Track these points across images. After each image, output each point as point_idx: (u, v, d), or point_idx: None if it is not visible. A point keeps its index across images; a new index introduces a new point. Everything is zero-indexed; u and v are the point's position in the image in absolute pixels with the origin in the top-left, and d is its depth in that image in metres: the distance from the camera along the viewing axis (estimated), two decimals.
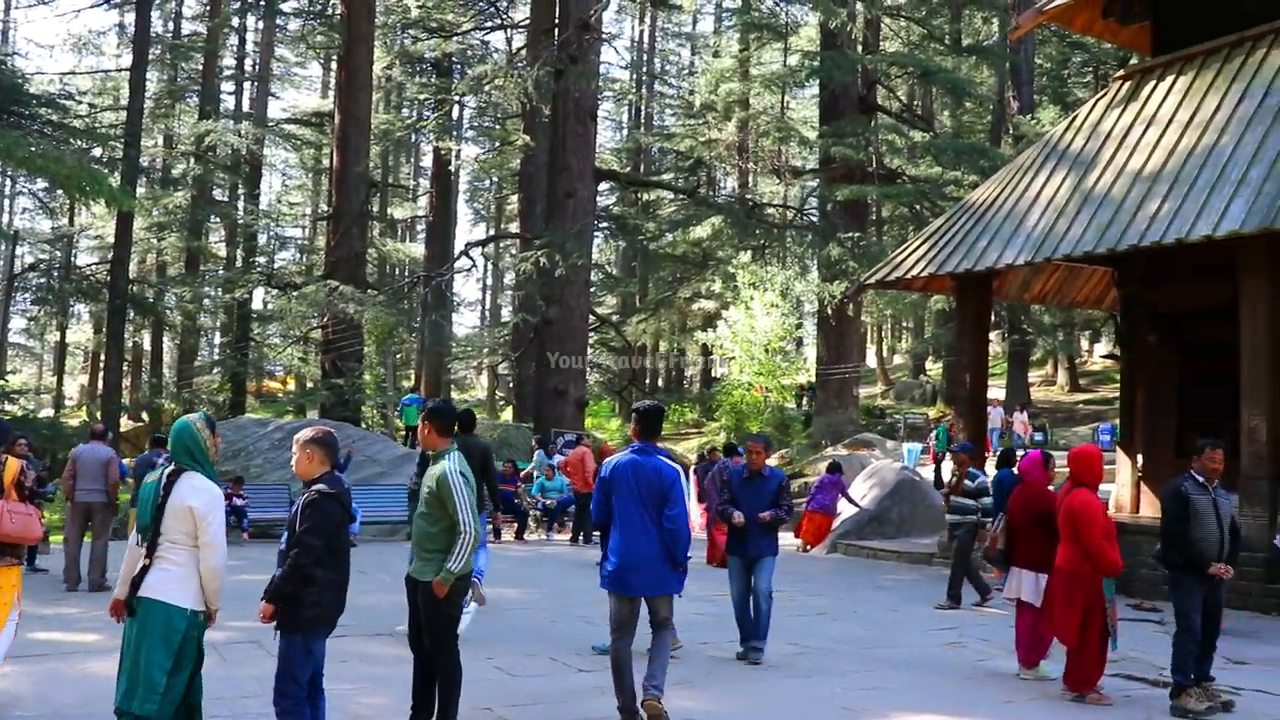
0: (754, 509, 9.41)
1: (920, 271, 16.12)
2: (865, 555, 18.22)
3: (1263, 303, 12.93)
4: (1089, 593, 8.09)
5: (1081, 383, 45.09)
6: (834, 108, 33.06)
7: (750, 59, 44.33)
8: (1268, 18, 14.51)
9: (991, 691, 8.49)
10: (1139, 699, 8.32)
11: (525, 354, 31.38)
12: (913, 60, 34.83)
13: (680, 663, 8.99)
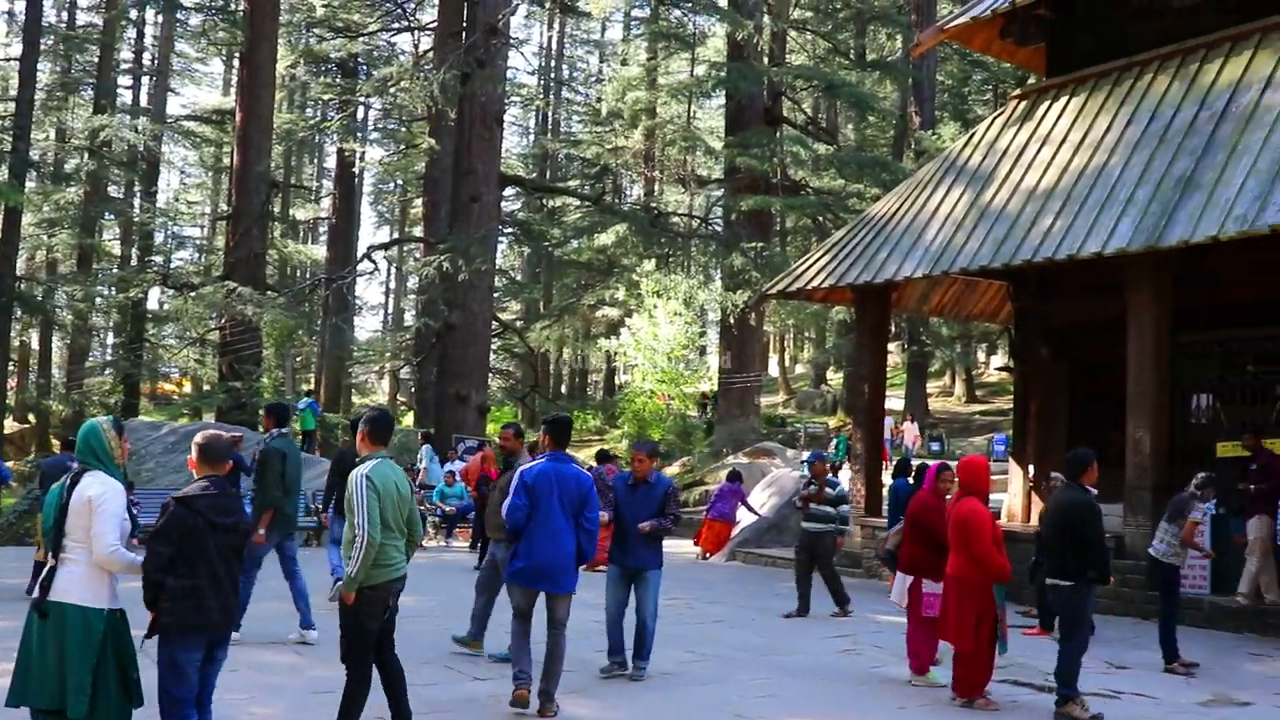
0: (638, 518, 8.92)
1: (821, 283, 16.32)
2: (764, 563, 18.36)
3: (1148, 319, 13.32)
4: (980, 600, 8.25)
5: (978, 394, 46.02)
6: (740, 118, 33.35)
7: (658, 68, 44.54)
8: (1154, 45, 15.01)
9: (884, 698, 8.60)
10: (1025, 704, 8.49)
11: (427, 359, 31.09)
12: (818, 74, 35.31)
13: (575, 671, 8.96)
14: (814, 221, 34.28)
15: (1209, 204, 12.24)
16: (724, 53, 37.17)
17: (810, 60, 39.86)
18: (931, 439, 33.51)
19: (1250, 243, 12.43)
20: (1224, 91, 13.55)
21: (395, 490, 6.51)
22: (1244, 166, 12.30)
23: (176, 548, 5.51)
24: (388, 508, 6.45)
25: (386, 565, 6.49)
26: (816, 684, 9.04)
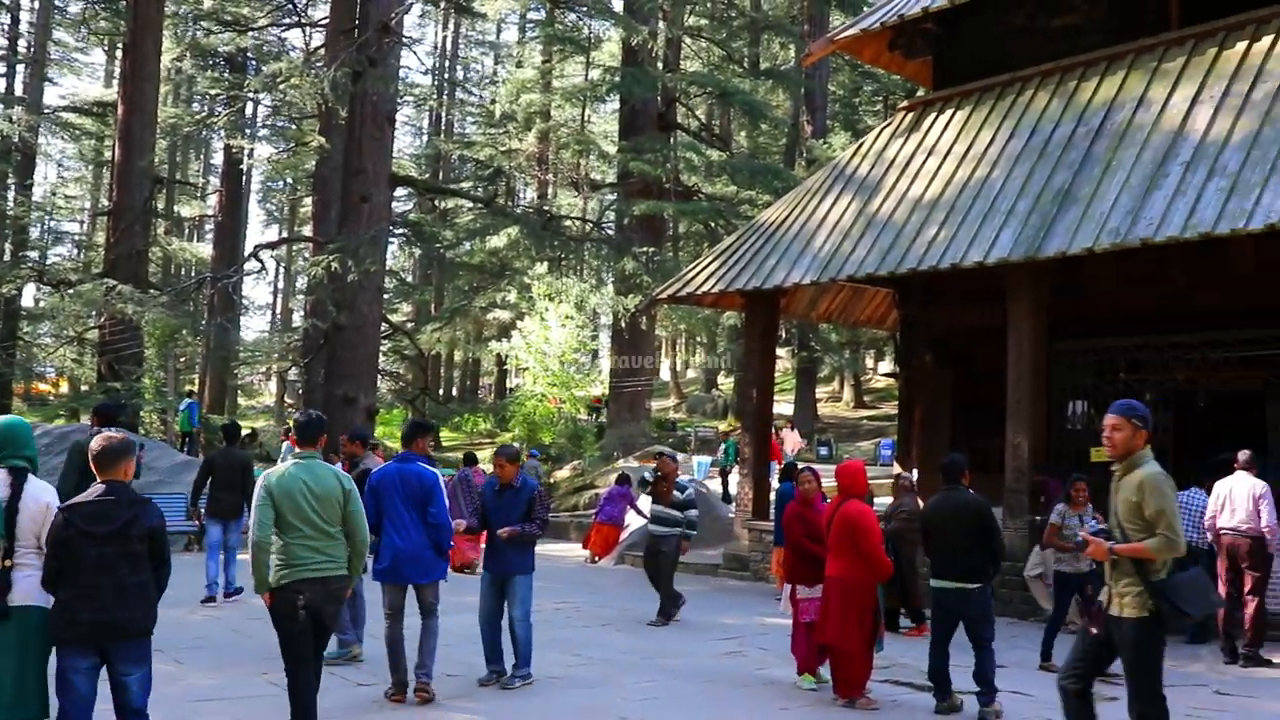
0: (504, 523, 8.83)
1: (711, 288, 16.45)
2: None
3: (1027, 327, 13.69)
4: (864, 600, 8.39)
5: (866, 399, 46.78)
6: (634, 123, 33.46)
7: (552, 71, 44.43)
8: (1035, 62, 15.46)
9: (768, 699, 8.69)
10: (905, 704, 8.64)
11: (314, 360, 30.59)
12: (712, 81, 35.57)
13: (459, 676, 8.92)
14: (706, 227, 34.53)
15: (1085, 217, 12.63)
16: (619, 58, 37.21)
17: (704, 67, 40.14)
18: (820, 444, 33.96)
19: (1123, 255, 12.89)
20: (1100, 109, 13.99)
21: (303, 490, 6.52)
22: (1118, 181, 12.72)
23: (59, 560, 5.40)
24: (287, 507, 6.47)
25: (294, 565, 6.48)
26: (701, 686, 9.10)
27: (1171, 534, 5.50)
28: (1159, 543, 5.53)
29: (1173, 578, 5.58)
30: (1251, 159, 11.79)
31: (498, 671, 8.89)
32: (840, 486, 8.65)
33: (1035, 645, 11.44)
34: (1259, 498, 10.71)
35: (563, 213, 38.82)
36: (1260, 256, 13.27)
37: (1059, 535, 10.16)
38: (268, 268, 38.82)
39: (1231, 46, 13.41)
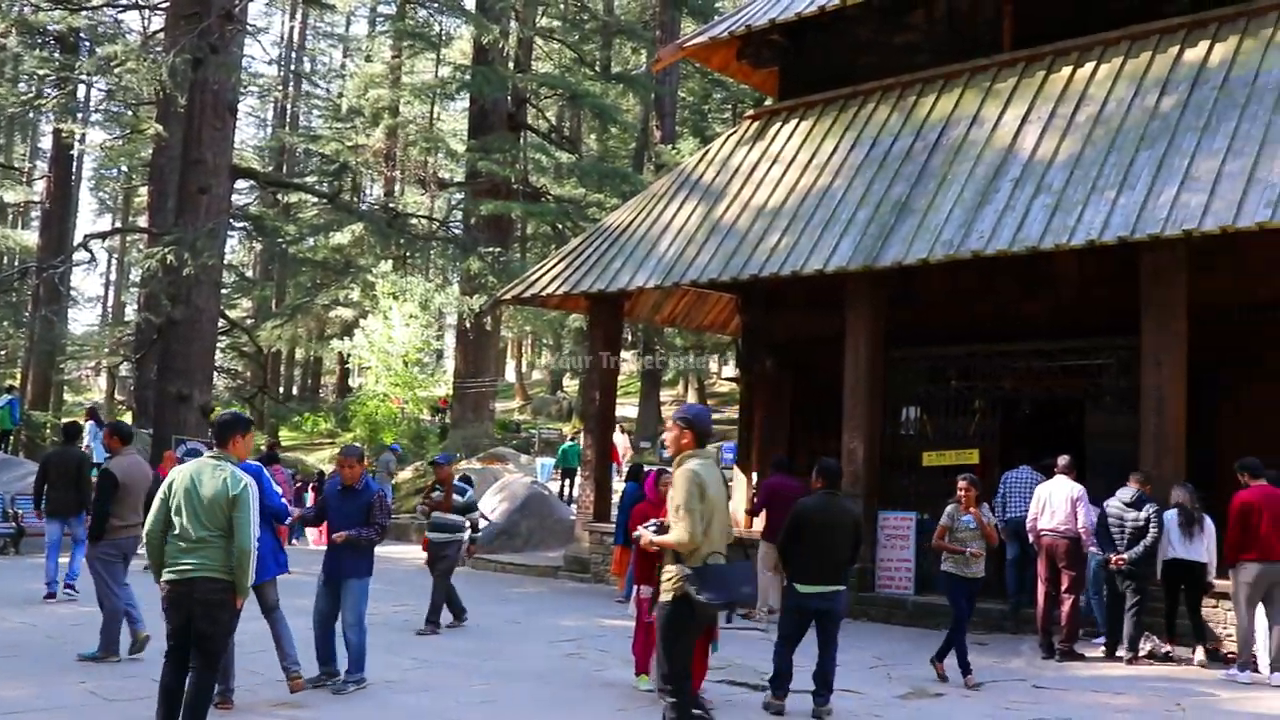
0: (343, 524, 8.71)
1: (556, 290, 16.44)
2: (493, 568, 18.33)
3: (864, 334, 14.05)
4: None
5: (711, 403, 47.29)
6: (483, 123, 33.26)
7: (402, 67, 43.90)
8: (877, 77, 15.90)
9: (605, 700, 8.71)
10: (740, 703, 8.76)
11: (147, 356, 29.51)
12: (562, 83, 35.60)
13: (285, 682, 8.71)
14: (554, 229, 34.51)
15: (921, 228, 13.03)
16: (470, 56, 36.97)
17: (556, 69, 40.16)
18: (663, 447, 34.20)
19: (956, 266, 13.35)
20: (937, 124, 14.45)
21: (191, 489, 6.50)
22: (952, 195, 13.16)
23: None
24: (173, 505, 6.47)
25: (167, 565, 6.45)
26: (538, 688, 9.07)
27: (684, 525, 6.06)
28: (675, 534, 6.11)
29: (706, 566, 6.07)
30: (1074, 178, 12.33)
31: (330, 673, 8.74)
32: None
33: (868, 645, 11.79)
34: (1076, 500, 11.20)
35: (409, 210, 38.23)
36: (1083, 271, 13.88)
37: (948, 537, 10.00)
38: (98, 259, 37.40)
39: (1058, 70, 14.01)
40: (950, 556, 10.01)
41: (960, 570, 9.98)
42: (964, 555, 9.91)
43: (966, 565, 9.95)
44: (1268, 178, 10.94)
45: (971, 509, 9.99)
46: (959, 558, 9.95)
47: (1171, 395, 11.82)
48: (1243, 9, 13.09)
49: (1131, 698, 9.25)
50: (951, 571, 10.03)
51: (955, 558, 9.98)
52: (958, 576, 10.01)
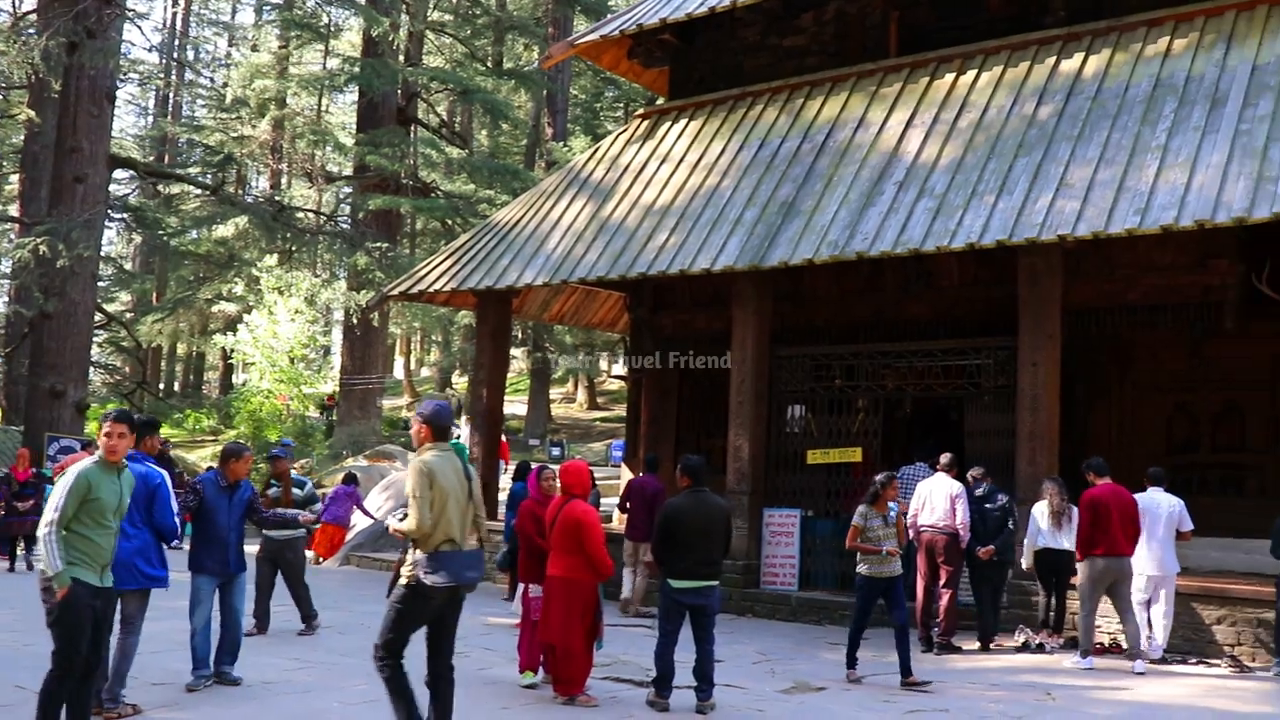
0: (226, 522, 8.71)
1: (443, 286, 16.30)
2: (379, 567, 18.10)
3: (751, 333, 14.20)
4: (587, 598, 8.48)
5: (600, 401, 47.41)
6: (372, 116, 32.83)
7: (289, 57, 43.09)
8: (766, 79, 16.11)
9: (489, 699, 8.65)
10: (625, 699, 8.78)
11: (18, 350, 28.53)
12: (453, 77, 35.28)
13: (167, 684, 8.52)
14: (444, 225, 34.21)
15: (807, 229, 13.22)
16: (359, 48, 36.48)
17: (447, 63, 39.77)
18: (553, 445, 34.22)
19: (840, 267, 13.61)
20: (824, 127, 14.67)
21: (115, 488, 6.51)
22: (838, 197, 13.37)
23: None
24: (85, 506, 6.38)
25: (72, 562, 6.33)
26: (422, 687, 8.95)
27: (413, 513, 6.44)
28: (406, 522, 6.50)
29: (437, 552, 6.46)
30: (956, 182, 12.63)
31: (205, 676, 8.57)
32: (564, 486, 8.71)
33: (752, 641, 11.92)
34: (955, 497, 11.47)
35: (295, 204, 37.59)
36: (963, 273, 14.23)
37: (861, 537, 9.85)
38: None
39: (942, 77, 14.33)
40: (866, 557, 9.84)
41: (877, 571, 9.82)
42: (880, 555, 9.78)
43: (883, 565, 9.82)
44: (1136, 186, 11.33)
45: (886, 507, 9.93)
46: (875, 558, 9.81)
47: (1046, 394, 12.17)
48: (1114, 24, 13.55)
49: (1005, 690, 9.49)
50: (867, 574, 9.85)
51: (871, 558, 9.82)
52: (874, 579, 9.84)
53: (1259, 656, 10.69)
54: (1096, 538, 10.53)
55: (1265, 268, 12.19)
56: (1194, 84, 12.24)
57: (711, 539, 8.54)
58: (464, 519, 6.63)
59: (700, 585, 8.48)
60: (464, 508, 6.64)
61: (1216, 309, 12.73)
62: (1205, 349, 13.24)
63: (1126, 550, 10.53)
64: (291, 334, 32.51)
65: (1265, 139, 11.06)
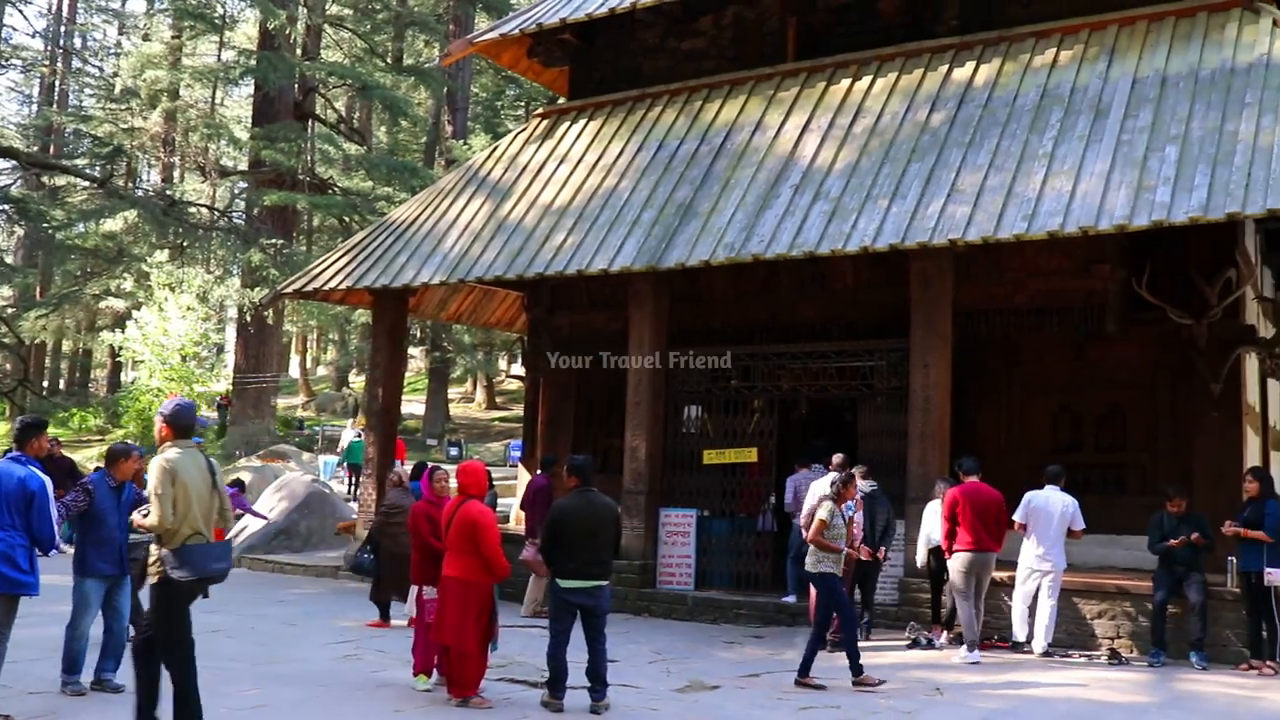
0: (117, 523, 8.57)
1: (338, 284, 16.08)
2: (270, 569, 17.81)
3: (647, 333, 14.26)
4: (482, 599, 8.44)
5: (499, 401, 47.17)
6: (268, 110, 32.25)
7: (182, 48, 42.08)
8: (664, 80, 16.21)
9: (382, 702, 8.58)
10: (518, 700, 8.76)
11: None
12: (352, 73, 34.83)
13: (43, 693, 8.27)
14: (341, 222, 33.73)
15: (704, 231, 13.31)
16: (255, 40, 35.77)
17: (346, 59, 39.27)
18: (450, 444, 33.97)
19: (736, 269, 13.74)
20: (722, 129, 14.78)
21: None
22: (735, 199, 13.49)
23: None
24: None
25: None
26: (312, 691, 8.87)
27: (155, 509, 6.59)
28: (149, 518, 6.65)
29: (183, 547, 6.63)
30: (850, 186, 12.81)
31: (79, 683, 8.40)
32: (460, 486, 8.67)
33: (649, 640, 11.96)
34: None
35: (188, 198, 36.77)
36: (857, 275, 14.44)
37: (825, 534, 9.70)
38: None
39: (838, 82, 14.53)
40: (827, 555, 9.71)
41: (836, 569, 9.76)
42: (842, 554, 9.79)
43: (839, 563, 9.81)
44: (1024, 192, 11.62)
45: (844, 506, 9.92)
46: (836, 556, 9.74)
47: (937, 395, 12.41)
48: (1004, 34, 13.88)
49: (895, 684, 9.65)
50: (830, 571, 9.73)
51: (833, 556, 9.72)
52: (836, 575, 9.77)
53: (1136, 648, 11.03)
54: (958, 534, 10.97)
55: (1145, 273, 12.57)
56: (1079, 94, 12.59)
57: (600, 539, 8.55)
58: (208, 513, 6.81)
59: (590, 585, 8.49)
60: (207, 502, 6.80)
61: (1099, 312, 13.11)
62: (1089, 351, 13.59)
63: (991, 546, 10.95)
64: (183, 331, 31.85)
65: (1145, 149, 11.43)
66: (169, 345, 31.82)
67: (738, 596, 13.46)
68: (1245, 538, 10.51)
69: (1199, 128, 11.42)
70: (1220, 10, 12.82)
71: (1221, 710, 8.91)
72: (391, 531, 12.33)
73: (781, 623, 12.94)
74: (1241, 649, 10.61)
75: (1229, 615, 10.83)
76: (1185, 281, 12.59)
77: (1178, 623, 10.87)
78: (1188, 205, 10.64)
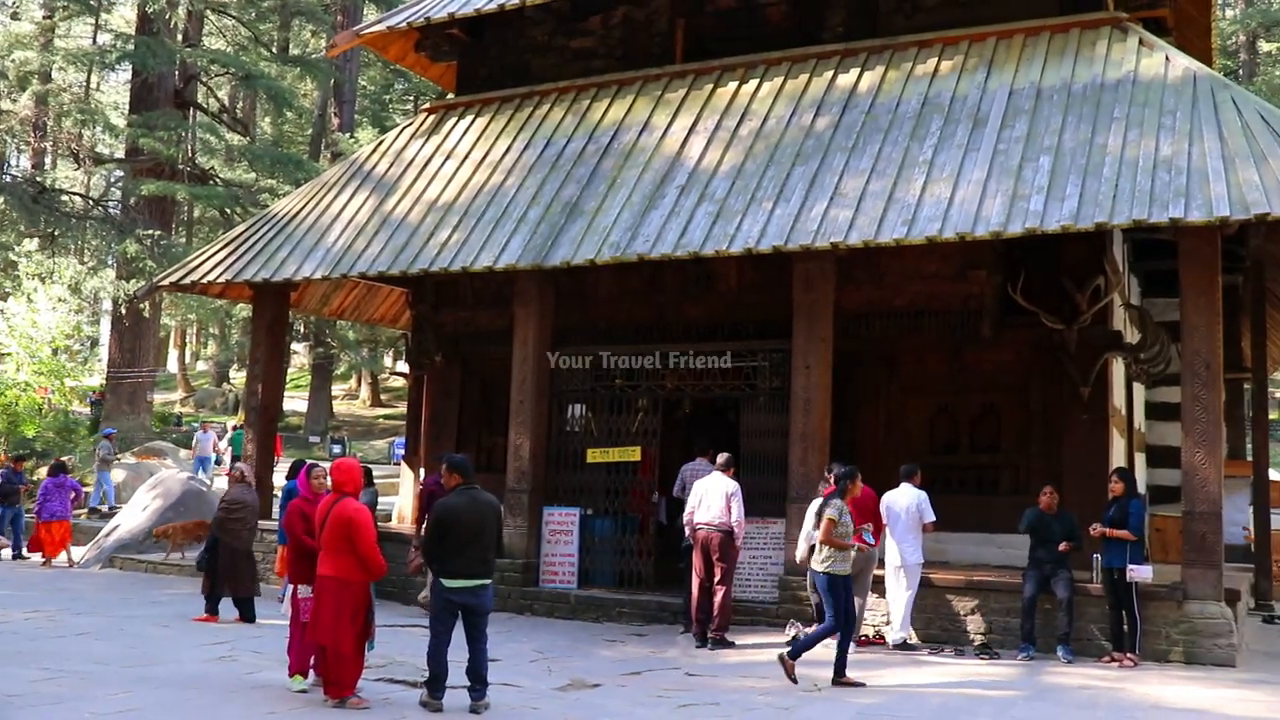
0: None
1: (217, 277, 15.73)
2: (144, 569, 17.34)
3: (533, 332, 14.23)
4: (358, 598, 8.33)
5: (383, 398, 46.62)
6: (146, 97, 31.38)
7: (55, 29, 40.67)
8: (553, 79, 16.20)
9: (256, 704, 8.42)
10: (397, 701, 8.66)
11: None
12: (235, 61, 34.09)
13: None
14: (223, 214, 32.99)
15: (590, 230, 13.32)
16: (133, 24, 34.79)
17: (229, 46, 38.38)
18: (333, 441, 33.48)
19: (622, 268, 13.77)
20: (609, 129, 14.81)
21: None
22: (621, 199, 13.53)
23: None
24: None
25: None
26: (185, 694, 8.66)
27: None
28: None
29: None
30: (735, 188, 12.94)
31: None
32: (335, 484, 8.55)
33: (530, 639, 11.93)
34: (731, 495, 11.75)
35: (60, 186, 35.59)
36: (741, 276, 14.57)
37: (835, 532, 9.80)
38: None
39: (725, 85, 14.66)
40: (835, 554, 9.76)
41: (841, 569, 9.80)
42: (851, 551, 9.89)
43: (848, 560, 9.89)
44: (904, 198, 11.86)
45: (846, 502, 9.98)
46: (842, 554, 9.80)
47: (818, 396, 12.60)
48: (888, 42, 14.16)
49: (775, 681, 9.76)
50: (836, 571, 9.77)
51: (839, 554, 9.78)
52: (840, 576, 9.81)
53: (1008, 642, 11.34)
54: None
55: (1019, 279, 12.91)
56: (958, 104, 12.89)
57: (484, 537, 8.49)
58: None
59: (473, 584, 8.43)
60: None
61: (975, 317, 13.45)
62: (965, 354, 13.89)
63: (866, 543, 11.09)
64: (53, 324, 30.74)
65: (1020, 159, 11.75)
66: (38, 338, 30.69)
67: (620, 595, 13.50)
68: (1110, 536, 10.91)
69: (1071, 139, 11.78)
70: (1092, 28, 13.26)
71: (1084, 701, 9.21)
72: (232, 527, 12.58)
73: (664, 620, 13.01)
74: (1104, 642, 10.99)
75: (1093, 610, 11.21)
76: (1057, 288, 12.95)
77: (1046, 617, 11.20)
78: (1059, 214, 10.98)
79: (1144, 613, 10.77)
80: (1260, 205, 10.21)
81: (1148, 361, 14.66)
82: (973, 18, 13.99)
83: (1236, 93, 11.77)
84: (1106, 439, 13.15)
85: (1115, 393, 13.77)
